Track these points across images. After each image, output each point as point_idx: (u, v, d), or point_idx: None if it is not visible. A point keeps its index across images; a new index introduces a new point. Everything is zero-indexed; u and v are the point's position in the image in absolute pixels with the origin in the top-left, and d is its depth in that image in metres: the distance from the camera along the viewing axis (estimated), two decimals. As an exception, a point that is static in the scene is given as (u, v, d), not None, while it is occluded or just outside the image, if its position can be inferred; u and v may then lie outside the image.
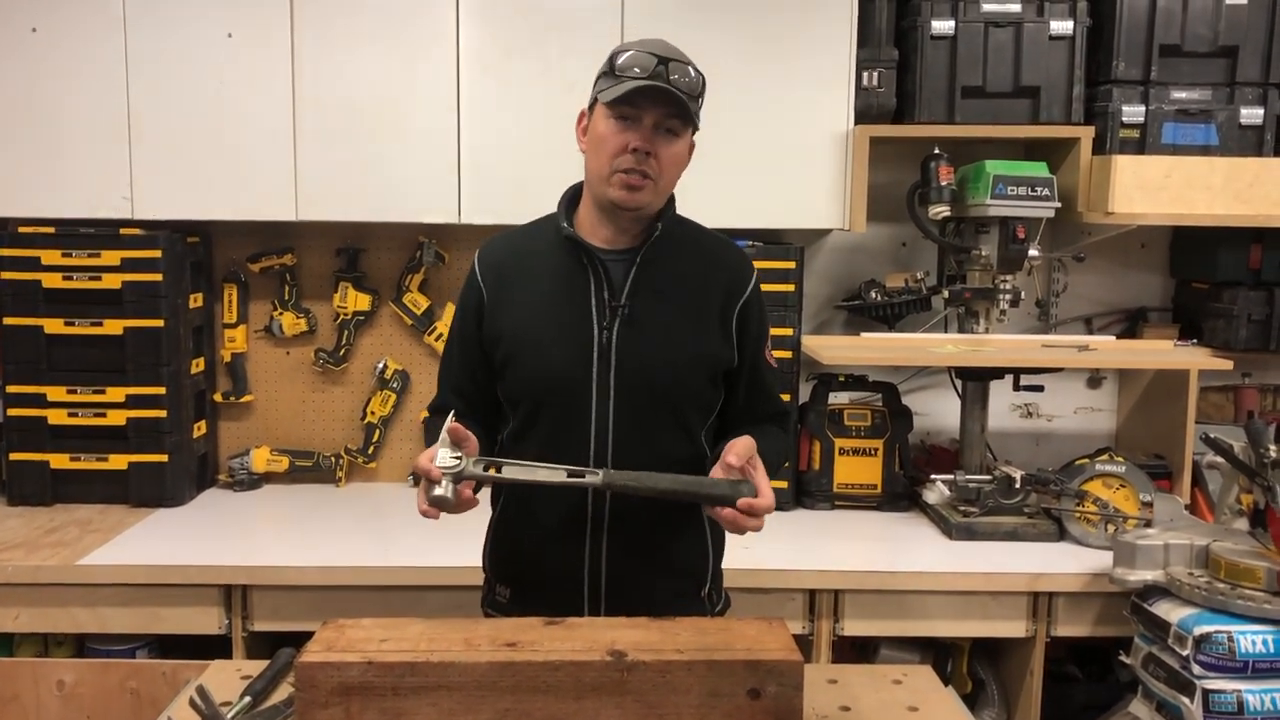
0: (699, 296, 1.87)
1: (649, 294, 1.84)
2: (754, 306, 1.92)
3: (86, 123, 2.91)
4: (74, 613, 2.57)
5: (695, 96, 1.78)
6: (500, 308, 1.88)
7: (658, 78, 1.73)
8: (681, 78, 1.76)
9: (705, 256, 1.91)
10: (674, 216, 1.89)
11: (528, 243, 1.93)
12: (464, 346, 1.94)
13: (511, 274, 1.90)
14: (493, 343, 1.88)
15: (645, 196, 1.79)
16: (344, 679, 1.47)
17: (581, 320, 1.83)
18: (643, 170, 1.76)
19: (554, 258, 1.87)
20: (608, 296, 1.83)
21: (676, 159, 1.81)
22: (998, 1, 3.00)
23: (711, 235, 1.97)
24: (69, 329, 2.96)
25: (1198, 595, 2.27)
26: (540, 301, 1.86)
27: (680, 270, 1.87)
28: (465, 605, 2.33)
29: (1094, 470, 2.82)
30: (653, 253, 1.85)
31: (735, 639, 1.56)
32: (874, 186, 3.01)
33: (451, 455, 1.66)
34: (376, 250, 3.32)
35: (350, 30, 2.90)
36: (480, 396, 1.91)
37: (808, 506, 3.09)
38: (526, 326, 1.85)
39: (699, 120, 1.81)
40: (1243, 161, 2.96)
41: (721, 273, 1.90)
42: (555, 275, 1.86)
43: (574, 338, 1.82)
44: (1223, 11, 2.98)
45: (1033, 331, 3.35)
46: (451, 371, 1.98)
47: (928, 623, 2.61)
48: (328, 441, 3.37)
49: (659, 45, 1.78)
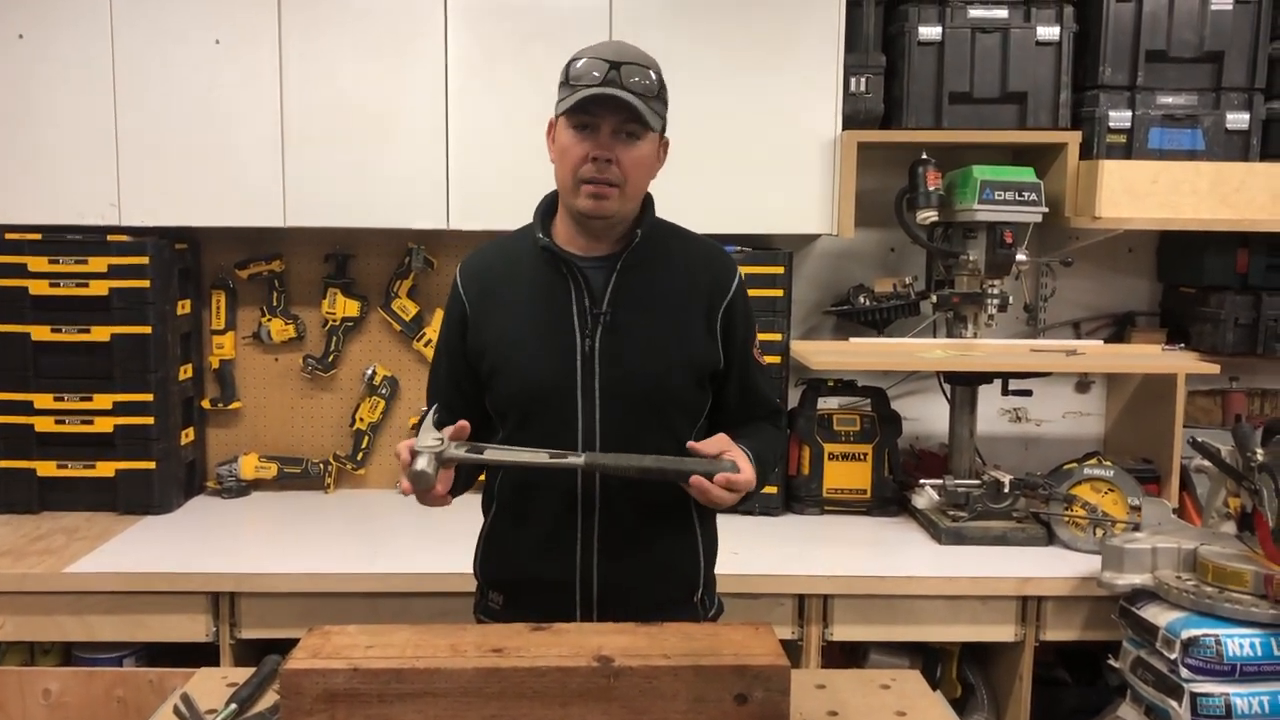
0: (682, 300, 1.87)
1: (630, 300, 1.84)
2: (739, 306, 1.92)
3: (74, 129, 2.90)
4: (60, 621, 2.55)
5: (652, 97, 1.77)
6: (483, 320, 1.89)
7: (610, 83, 1.72)
8: (639, 80, 1.75)
9: (687, 259, 1.91)
10: (653, 220, 1.89)
11: (508, 254, 1.93)
12: (450, 359, 1.95)
13: (493, 286, 1.90)
14: (478, 355, 1.89)
15: (613, 205, 1.79)
16: (329, 686, 1.46)
17: (564, 329, 1.83)
18: (606, 179, 1.76)
19: (534, 268, 1.87)
20: (589, 304, 1.83)
21: (640, 162, 1.80)
22: (985, 7, 3.01)
23: (693, 237, 1.97)
24: (56, 336, 2.95)
25: (1185, 599, 2.27)
26: (522, 312, 1.86)
27: (662, 274, 1.87)
28: (453, 612, 2.33)
29: (1082, 474, 2.82)
30: (633, 258, 1.85)
31: (722, 644, 1.55)
32: (862, 192, 3.02)
33: (433, 437, 1.70)
34: (365, 256, 3.31)
35: (338, 36, 2.90)
36: (468, 408, 1.89)
37: (797, 511, 3.09)
38: (510, 338, 1.86)
39: (663, 119, 1.81)
40: (1229, 166, 2.97)
41: (704, 274, 1.90)
42: (536, 285, 1.86)
43: (557, 347, 1.83)
44: (1208, 17, 2.99)
45: (1021, 336, 3.36)
46: (439, 385, 1.98)
47: (917, 627, 2.61)
48: (316, 448, 3.36)
49: (613, 49, 1.78)
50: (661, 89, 1.80)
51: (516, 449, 1.75)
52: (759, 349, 1.99)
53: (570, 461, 1.73)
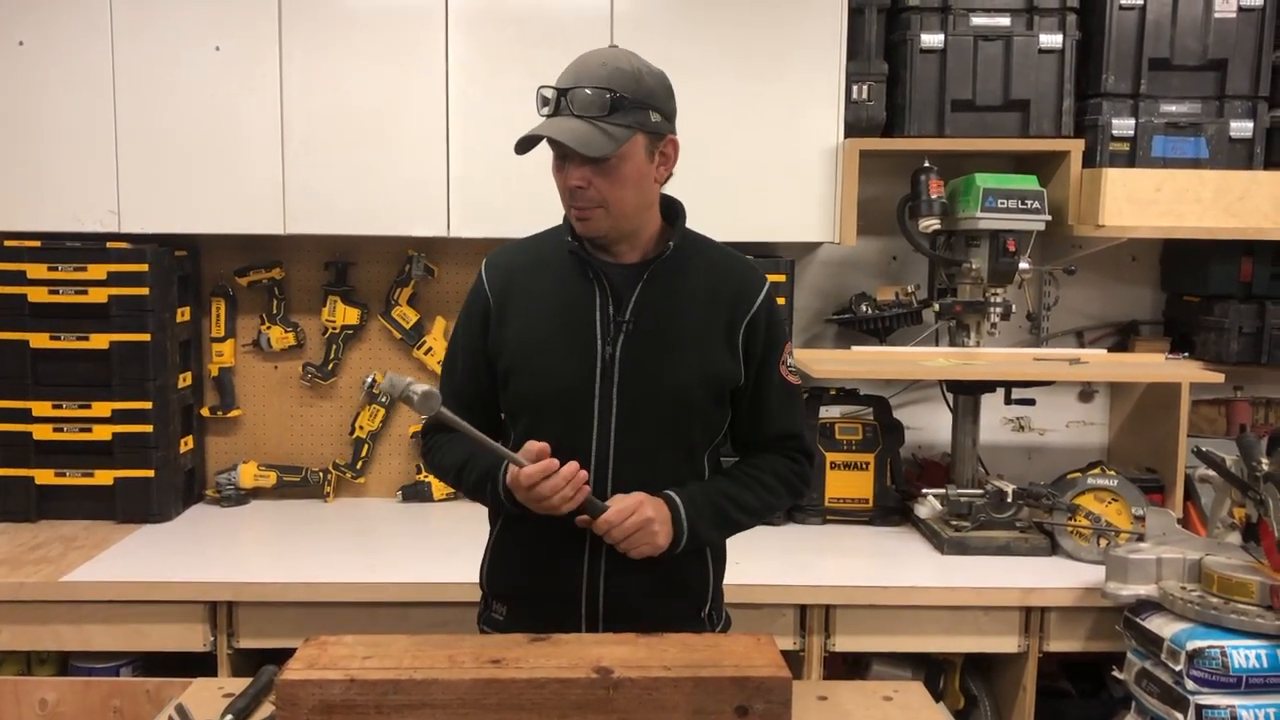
0: (706, 312, 1.84)
1: (655, 310, 1.82)
2: (762, 320, 1.87)
3: (73, 136, 2.89)
4: (57, 630, 2.54)
5: (608, 114, 1.70)
6: (506, 317, 1.86)
7: (561, 113, 1.73)
8: (590, 99, 1.70)
9: (713, 271, 1.88)
10: (684, 231, 1.87)
11: (535, 253, 1.91)
12: (468, 356, 1.91)
13: (518, 283, 1.87)
14: (496, 353, 1.86)
15: (600, 225, 1.78)
16: (326, 697, 1.45)
17: (585, 334, 1.81)
18: (583, 204, 1.76)
19: (560, 269, 1.84)
20: (613, 311, 1.81)
21: (620, 179, 1.75)
22: (987, 15, 3.01)
23: (720, 249, 1.94)
24: (55, 343, 2.94)
25: (1190, 610, 2.25)
26: (545, 313, 1.84)
27: (687, 286, 1.84)
28: (453, 622, 2.31)
29: (1086, 484, 2.81)
30: (660, 268, 1.82)
31: (723, 655, 1.54)
32: (864, 200, 3.01)
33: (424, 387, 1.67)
34: (365, 264, 3.30)
35: (339, 43, 2.89)
36: (481, 409, 1.87)
37: (799, 521, 3.07)
38: (531, 338, 1.83)
39: (628, 130, 1.72)
40: (1233, 175, 2.96)
41: (729, 288, 1.86)
42: (561, 287, 1.84)
43: (577, 351, 1.80)
44: (1211, 25, 2.99)
45: (1024, 345, 3.35)
46: (454, 381, 1.93)
47: (920, 638, 2.59)
48: (316, 457, 3.34)
49: (572, 70, 1.76)
50: (623, 99, 1.71)
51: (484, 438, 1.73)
52: (790, 369, 1.92)
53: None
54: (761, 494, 1.90)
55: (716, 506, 1.84)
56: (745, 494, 1.88)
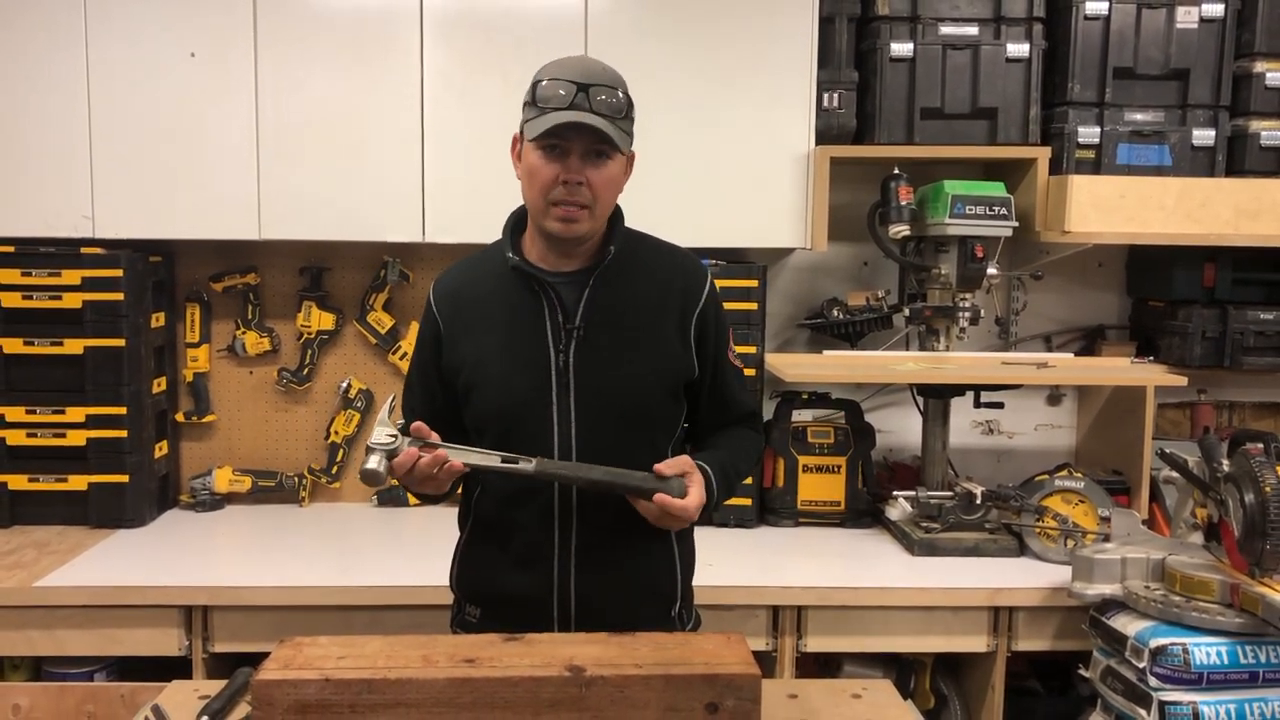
0: (654, 311, 1.88)
1: (603, 314, 1.85)
2: (711, 312, 1.92)
3: (47, 141, 2.89)
4: (30, 635, 2.53)
5: (620, 117, 1.77)
6: (458, 338, 1.89)
7: (579, 107, 1.73)
8: (607, 99, 1.75)
9: (658, 269, 1.92)
10: (624, 234, 1.90)
11: (479, 272, 1.94)
12: (424, 376, 1.96)
13: (466, 304, 1.91)
14: (453, 373, 1.89)
15: (583, 226, 1.80)
16: (301, 697, 1.46)
17: (538, 345, 1.84)
18: (576, 201, 1.77)
19: (506, 285, 1.87)
20: (562, 320, 1.84)
21: (610, 182, 1.81)
22: (956, 24, 3.05)
23: (663, 245, 1.97)
24: (28, 349, 2.94)
25: (1153, 608, 2.29)
26: (496, 329, 1.87)
27: (633, 287, 1.88)
28: (427, 625, 2.32)
29: (1053, 486, 2.85)
30: (605, 272, 1.85)
31: (694, 653, 1.57)
32: (835, 206, 3.04)
33: (387, 434, 1.72)
34: (340, 269, 3.31)
35: (314, 49, 2.90)
36: (446, 425, 1.88)
37: (771, 523, 3.10)
38: (484, 355, 1.86)
39: (630, 139, 1.81)
40: (1195, 182, 3.01)
41: (675, 283, 1.91)
42: (509, 302, 1.87)
43: (532, 363, 1.84)
44: (1174, 35, 3.04)
45: (993, 349, 3.39)
46: (414, 399, 1.98)
47: (890, 638, 2.63)
48: (291, 461, 3.35)
49: (578, 68, 1.77)
50: (629, 107, 1.80)
51: (470, 449, 1.76)
52: (735, 354, 2.00)
53: (521, 467, 1.74)
54: (749, 464, 2.01)
55: (727, 476, 1.89)
56: (741, 463, 1.95)
